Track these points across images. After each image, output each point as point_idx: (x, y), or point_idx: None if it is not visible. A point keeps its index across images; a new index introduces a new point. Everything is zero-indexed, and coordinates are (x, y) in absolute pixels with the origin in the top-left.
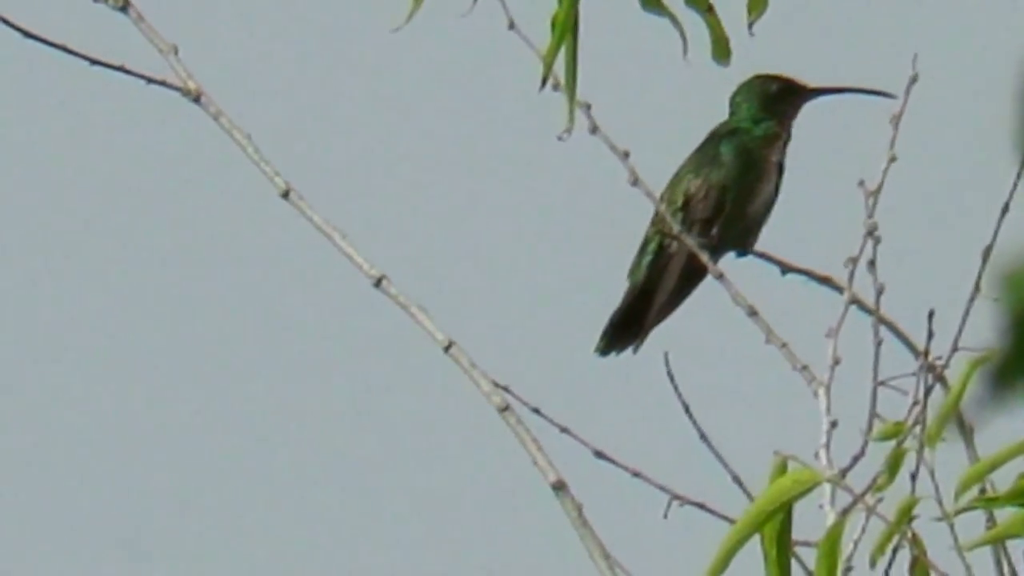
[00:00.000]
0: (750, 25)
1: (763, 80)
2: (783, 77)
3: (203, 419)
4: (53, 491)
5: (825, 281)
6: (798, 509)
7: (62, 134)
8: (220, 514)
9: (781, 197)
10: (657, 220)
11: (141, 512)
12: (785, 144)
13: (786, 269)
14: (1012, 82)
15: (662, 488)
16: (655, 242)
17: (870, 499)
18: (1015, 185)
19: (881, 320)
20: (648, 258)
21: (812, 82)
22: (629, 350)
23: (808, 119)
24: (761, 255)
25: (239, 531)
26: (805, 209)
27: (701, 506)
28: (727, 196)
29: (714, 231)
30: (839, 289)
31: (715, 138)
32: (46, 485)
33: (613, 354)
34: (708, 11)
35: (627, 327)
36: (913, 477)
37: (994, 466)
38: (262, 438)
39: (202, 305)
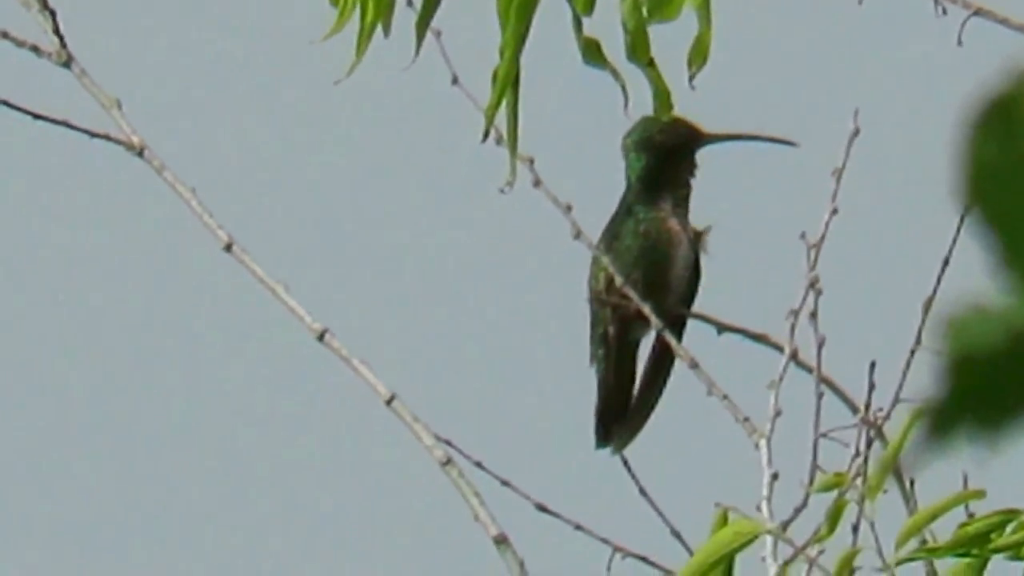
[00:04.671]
0: (691, 78)
1: (650, 130)
2: (674, 125)
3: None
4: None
5: (760, 339)
6: (740, 561)
7: (3, 188)
8: None
9: (722, 250)
10: (595, 289)
11: None
12: (686, 199)
13: (721, 328)
14: (953, 133)
15: (604, 541)
16: (600, 329)
17: (811, 551)
18: (955, 238)
19: (821, 375)
20: (601, 351)
21: (717, 129)
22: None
23: (748, 172)
24: (696, 316)
25: None
26: (747, 262)
27: (643, 559)
28: (644, 280)
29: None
30: (775, 346)
31: (620, 215)
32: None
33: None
34: (649, 65)
35: (614, 416)
36: (854, 529)
37: (933, 517)
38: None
39: (145, 364)
